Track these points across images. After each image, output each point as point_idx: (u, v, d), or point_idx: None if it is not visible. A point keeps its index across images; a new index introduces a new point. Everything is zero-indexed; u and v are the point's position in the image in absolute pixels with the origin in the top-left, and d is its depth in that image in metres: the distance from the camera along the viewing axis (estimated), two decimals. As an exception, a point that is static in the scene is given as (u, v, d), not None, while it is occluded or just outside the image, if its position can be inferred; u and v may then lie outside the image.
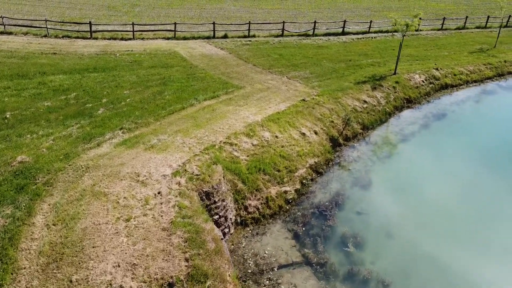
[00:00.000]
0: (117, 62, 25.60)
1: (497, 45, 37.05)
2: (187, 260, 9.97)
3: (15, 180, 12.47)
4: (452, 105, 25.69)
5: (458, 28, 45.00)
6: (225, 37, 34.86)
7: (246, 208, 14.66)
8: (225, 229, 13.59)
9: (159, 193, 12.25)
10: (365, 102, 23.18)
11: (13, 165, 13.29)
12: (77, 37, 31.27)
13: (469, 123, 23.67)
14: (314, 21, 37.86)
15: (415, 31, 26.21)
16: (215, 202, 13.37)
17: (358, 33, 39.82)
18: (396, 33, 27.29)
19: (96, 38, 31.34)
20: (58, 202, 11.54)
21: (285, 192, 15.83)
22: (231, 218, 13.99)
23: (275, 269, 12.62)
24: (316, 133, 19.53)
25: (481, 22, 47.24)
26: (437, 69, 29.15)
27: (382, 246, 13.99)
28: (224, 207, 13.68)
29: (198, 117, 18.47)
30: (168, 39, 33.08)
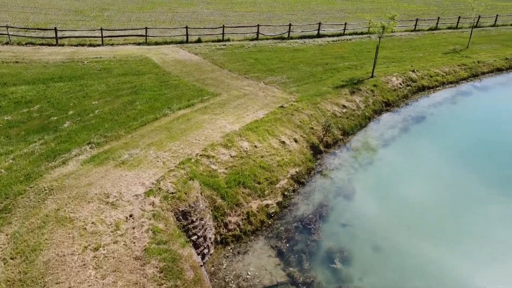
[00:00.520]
0: (85, 70, 24.27)
1: (470, 45, 37.46)
2: (163, 292, 9.07)
3: (-32, 207, 11.25)
4: (430, 107, 25.56)
5: (431, 29, 45.45)
6: (198, 41, 33.89)
7: (226, 225, 13.81)
8: (205, 249, 12.70)
9: (131, 216, 11.26)
10: (344, 106, 22.70)
11: (-34, 189, 12.03)
12: (42, 44, 29.64)
13: (448, 125, 23.54)
14: (289, 24, 37.34)
15: (391, 32, 25.81)
16: (192, 222, 12.47)
17: (333, 35, 39.55)
18: (371, 35, 26.99)
19: (63, 45, 29.79)
20: (17, 231, 10.39)
21: (267, 205, 15.06)
22: (210, 238, 13.10)
23: (259, 291, 11.83)
24: (296, 141, 18.86)
25: (452, 23, 47.90)
26: (413, 71, 29.06)
27: (369, 260, 13.41)
28: (203, 226, 12.79)
29: (172, 128, 17.50)
30: (139, 44, 31.85)
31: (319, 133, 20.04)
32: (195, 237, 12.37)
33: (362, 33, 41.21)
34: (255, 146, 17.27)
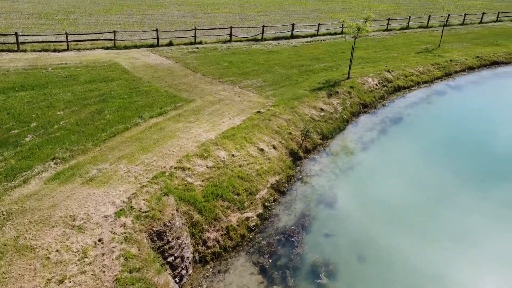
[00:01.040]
0: (49, 77, 22.89)
1: (441, 44, 37.85)
2: (137, 328, 8.22)
3: None
4: (407, 108, 25.45)
5: (402, 28, 45.82)
6: (170, 44, 32.82)
7: (205, 242, 13.00)
8: (182, 270, 11.87)
9: (100, 240, 10.32)
10: (322, 110, 22.24)
11: None
12: (2, 50, 27.91)
13: (425, 126, 23.46)
14: (263, 25, 36.75)
15: (366, 33, 25.59)
16: (168, 242, 11.61)
17: (307, 36, 39.23)
18: (346, 36, 26.67)
19: (25, 51, 28.16)
20: (-30, 265, 9.30)
21: (247, 218, 14.33)
22: (188, 257, 12.27)
23: (243, 314, 11.10)
24: (275, 147, 18.22)
25: (422, 22, 48.47)
26: (388, 71, 28.96)
27: (355, 272, 12.88)
28: (180, 245, 11.95)
29: (144, 138, 16.54)
30: (108, 48, 30.53)
31: (298, 139, 19.47)
32: (172, 258, 11.52)
33: (335, 33, 41.09)
34: (233, 155, 16.52)
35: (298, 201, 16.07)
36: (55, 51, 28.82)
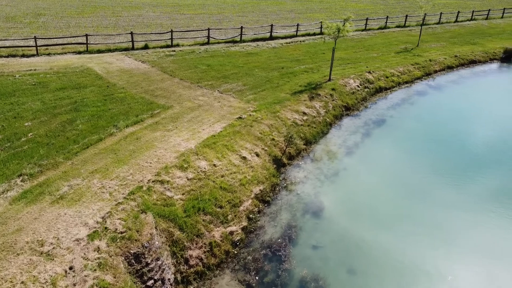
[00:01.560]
0: (16, 85, 21.59)
1: (420, 44, 37.95)
2: None
3: None
4: (389, 109, 25.16)
5: (381, 28, 45.87)
6: (145, 47, 31.75)
7: (187, 261, 12.20)
8: (163, 294, 11.06)
9: (71, 268, 9.41)
10: (304, 114, 21.68)
11: None
12: (-34, 57, 26.40)
13: (408, 128, 23.21)
14: (241, 27, 36.03)
15: (346, 34, 25.20)
16: (147, 264, 10.78)
17: (286, 37, 38.73)
18: (326, 36, 26.21)
19: (-10, 57, 26.69)
20: None
21: (231, 233, 13.60)
22: (169, 279, 11.46)
23: None
24: (257, 155, 17.54)
25: (400, 22, 48.68)
26: (369, 72, 28.68)
27: (346, 286, 12.33)
28: (160, 267, 11.13)
29: (119, 149, 15.60)
30: (80, 53, 29.25)
31: (281, 145, 18.84)
32: (151, 281, 10.71)
33: (314, 34, 40.75)
34: (214, 165, 15.76)
35: (283, 211, 15.43)
36: (23, 56, 27.40)
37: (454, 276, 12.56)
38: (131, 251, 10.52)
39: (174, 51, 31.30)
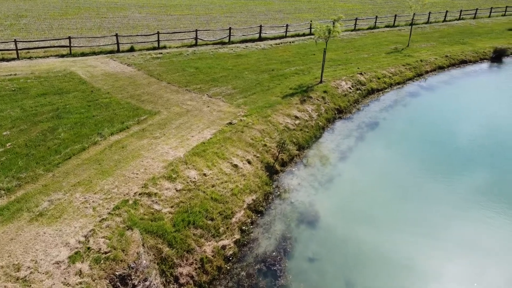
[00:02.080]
0: (-6, 91, 20.62)
1: (410, 44, 37.68)
2: None
3: None
4: (382, 111, 24.70)
5: (370, 28, 45.55)
6: (131, 50, 30.85)
7: (177, 280, 11.48)
8: (152, 317, 10.34)
9: (50, 296, 8.65)
10: (296, 117, 21.09)
11: None
12: None
13: (401, 130, 22.78)
14: (229, 28, 35.31)
15: (337, 35, 24.70)
16: (134, 286, 10.05)
17: (275, 38, 38.13)
18: (316, 38, 25.65)
19: (-32, 61, 25.57)
20: None
21: (223, 247, 12.91)
22: (158, 300, 10.74)
23: None
24: (249, 162, 16.88)
25: (389, 21, 48.43)
26: (361, 73, 28.23)
27: (345, 302, 11.77)
28: (148, 288, 10.41)
29: (104, 160, 14.81)
30: (63, 56, 28.25)
31: (274, 151, 18.21)
32: (139, 304, 9.97)
33: (304, 35, 40.23)
34: (204, 174, 15.05)
35: (277, 221, 14.79)
36: (3, 60, 26.33)
37: (453, 277, 12.09)
38: (117, 273, 9.77)
39: (161, 53, 30.46)
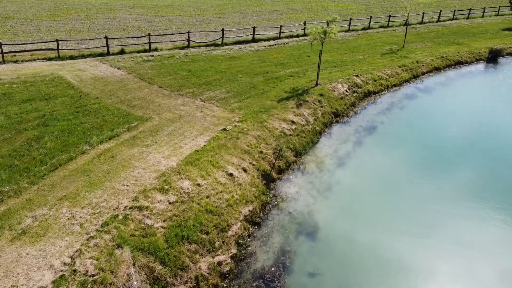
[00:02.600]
0: (-23, 97, 19.74)
1: (405, 44, 37.26)
2: None
3: None
4: (380, 115, 24.17)
5: (364, 29, 45.08)
6: (122, 52, 30.01)
7: (170, 300, 10.80)
8: None
9: (31, 328, 7.92)
10: (293, 122, 20.46)
11: None
12: None
13: (400, 134, 22.28)
14: (222, 29, 34.59)
15: (333, 36, 24.17)
16: (124, 311, 9.35)
17: (269, 39, 37.50)
18: (312, 40, 25.09)
19: (-49, 65, 24.60)
20: None
21: (219, 263, 12.23)
22: (150, 324, 10.05)
23: None
24: (245, 170, 16.22)
25: (383, 22, 48.01)
26: (357, 75, 27.69)
27: (349, 321, 11.16)
28: (139, 312, 9.71)
29: (92, 170, 14.06)
30: (51, 59, 27.34)
31: (270, 158, 17.57)
32: (130, 331, 9.27)
33: (298, 36, 39.64)
34: (198, 185, 14.36)
35: (275, 233, 14.14)
36: (-13, 64, 25.40)
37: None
38: (105, 298, 9.06)
39: (152, 55, 29.68)
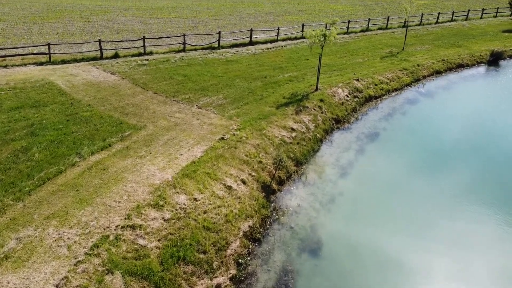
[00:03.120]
0: (-37, 105, 18.88)
1: (405, 47, 36.63)
2: None
3: None
4: (381, 121, 23.47)
5: (363, 31, 44.48)
6: (115, 56, 29.19)
7: (165, 329, 10.02)
8: None
9: None
10: (293, 130, 19.72)
11: None
12: None
13: (403, 141, 21.63)
14: (219, 32, 33.85)
15: (333, 40, 23.51)
16: None
17: (266, 41, 36.77)
18: (312, 44, 24.39)
19: None
20: None
21: (218, 286, 11.46)
22: None
23: None
24: (244, 182, 15.45)
25: (382, 24, 47.41)
26: (357, 79, 27.01)
27: None
28: None
29: (82, 185, 13.26)
30: (42, 64, 26.48)
31: (270, 168, 16.82)
32: None
33: (296, 38, 38.95)
34: (195, 199, 13.59)
35: (276, 250, 13.39)
36: (-24, 69, 24.50)
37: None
38: (93, 332, 8.27)
39: (147, 59, 28.87)
